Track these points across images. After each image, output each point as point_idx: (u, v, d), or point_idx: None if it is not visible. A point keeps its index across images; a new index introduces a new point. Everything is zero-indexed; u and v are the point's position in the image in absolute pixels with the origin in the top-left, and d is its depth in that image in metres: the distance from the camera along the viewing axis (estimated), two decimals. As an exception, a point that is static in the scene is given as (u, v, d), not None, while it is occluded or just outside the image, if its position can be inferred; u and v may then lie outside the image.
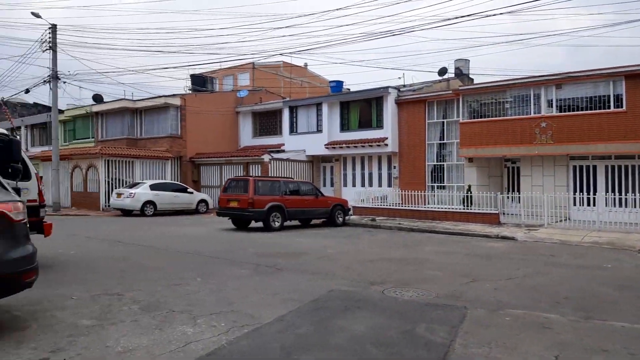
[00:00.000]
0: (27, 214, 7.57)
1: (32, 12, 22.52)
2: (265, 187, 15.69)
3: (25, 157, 8.27)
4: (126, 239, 12.89)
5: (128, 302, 6.19)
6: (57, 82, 23.52)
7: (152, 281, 7.50)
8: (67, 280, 7.47)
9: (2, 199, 4.85)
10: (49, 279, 7.52)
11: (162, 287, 7.12)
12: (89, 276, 7.87)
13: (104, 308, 5.90)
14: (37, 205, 8.29)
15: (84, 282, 7.36)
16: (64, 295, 6.54)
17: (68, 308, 5.86)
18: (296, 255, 10.29)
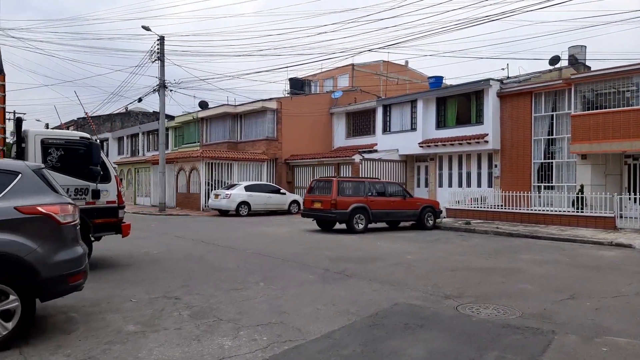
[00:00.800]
0: (103, 213, 7.86)
1: (142, 25, 24.29)
2: (349, 188, 15.22)
3: (106, 160, 8.64)
4: (211, 238, 13.17)
5: (181, 307, 6.06)
6: (164, 90, 25.14)
7: (214, 284, 7.38)
8: (138, 280, 7.61)
9: (50, 201, 4.88)
10: (122, 279, 7.73)
11: (222, 291, 6.95)
12: (160, 276, 7.98)
13: (156, 313, 5.82)
14: (116, 206, 8.62)
15: (151, 283, 7.44)
16: (125, 296, 6.62)
17: (122, 311, 5.86)
18: (371, 261, 9.67)
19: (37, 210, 4.76)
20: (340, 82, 43.73)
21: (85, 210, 8.20)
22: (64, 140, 8.20)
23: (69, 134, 8.50)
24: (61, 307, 5.90)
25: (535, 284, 7.67)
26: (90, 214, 8.27)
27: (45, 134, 8.17)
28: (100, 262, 9.16)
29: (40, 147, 7.93)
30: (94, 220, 8.31)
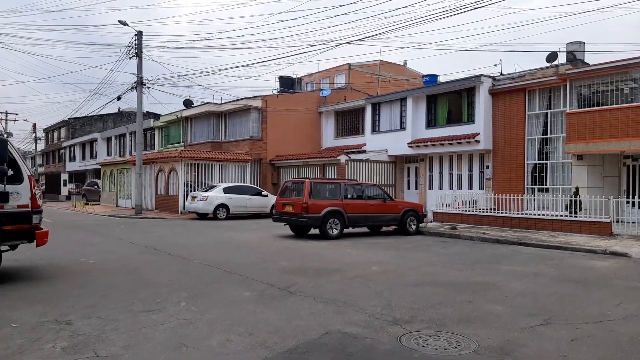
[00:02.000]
0: (13, 219, 6.74)
1: (119, 20, 23.27)
2: (323, 190, 14.10)
3: (18, 157, 7.54)
4: (166, 245, 12.06)
5: (63, 336, 4.95)
6: (142, 87, 24.10)
7: (128, 303, 6.26)
8: (42, 298, 6.51)
9: None
10: (24, 295, 6.64)
11: (130, 313, 5.82)
12: (71, 292, 6.88)
13: (26, 344, 4.71)
14: (29, 211, 7.50)
15: (55, 301, 6.34)
16: (10, 319, 5.52)
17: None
18: (328, 273, 8.53)
19: None
20: (337, 81, 42.69)
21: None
22: (-33, 135, 7.12)
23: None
24: None
25: (507, 304, 6.52)
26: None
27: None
28: (14, 274, 8.07)
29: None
30: (2, 226, 7.21)
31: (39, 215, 7.67)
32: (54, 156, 65.53)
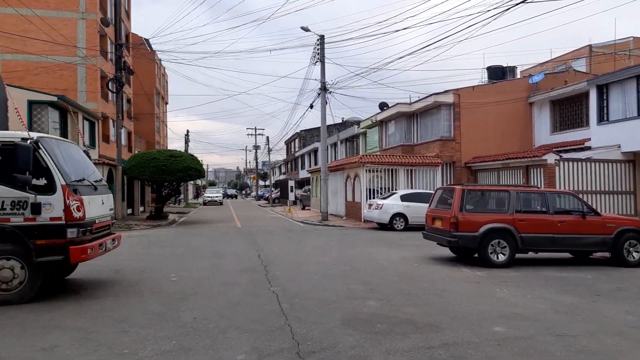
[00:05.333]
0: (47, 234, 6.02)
1: (302, 27, 23.21)
2: (483, 201, 10.55)
3: (52, 166, 6.86)
4: (277, 261, 10.44)
5: None
6: (325, 93, 23.55)
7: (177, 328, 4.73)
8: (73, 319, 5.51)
9: None
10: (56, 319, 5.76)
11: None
12: (104, 320, 5.73)
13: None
14: (62, 224, 6.73)
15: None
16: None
17: None
18: (424, 332, 5.54)
19: None
20: (577, 68, 35.74)
21: (24, 228, 6.58)
22: (1, 143, 6.72)
23: (6, 135, 6.98)
24: None
25: None
26: (30, 233, 6.60)
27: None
28: (80, 284, 7.49)
29: (-27, 151, 6.61)
30: (35, 240, 6.60)
31: (76, 229, 6.84)
32: (291, 165, 72.47)
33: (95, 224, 7.43)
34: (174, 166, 21.54)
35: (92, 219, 7.30)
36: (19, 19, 27.64)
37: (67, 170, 7.03)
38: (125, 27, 38.43)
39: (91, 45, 31.08)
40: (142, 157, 22.42)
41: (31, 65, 29.20)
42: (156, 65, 51.20)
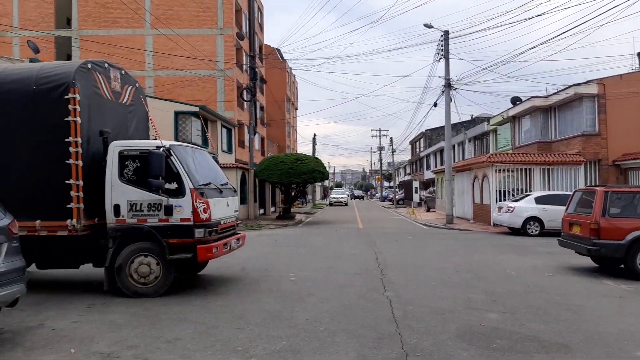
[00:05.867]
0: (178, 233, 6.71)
1: (424, 24, 22.59)
2: (629, 204, 9.19)
3: (182, 171, 7.45)
4: (392, 266, 10.19)
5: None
6: (449, 90, 22.65)
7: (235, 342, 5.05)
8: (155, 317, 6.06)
9: None
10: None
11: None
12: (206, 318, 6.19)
13: None
14: (191, 224, 7.29)
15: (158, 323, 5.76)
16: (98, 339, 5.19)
17: None
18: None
19: None
20: None
21: (159, 228, 7.28)
22: (139, 150, 7.50)
23: (144, 144, 7.74)
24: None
25: None
26: (163, 233, 7.28)
27: (123, 145, 7.66)
28: (193, 282, 8.08)
29: (117, 159, 7.47)
30: (168, 239, 7.27)
31: (203, 230, 7.38)
32: (416, 165, 71.13)
33: (221, 224, 7.96)
34: (299, 169, 22.38)
35: (218, 220, 7.82)
36: (167, 39, 30.95)
37: (195, 174, 7.62)
38: (259, 39, 41.00)
39: (228, 58, 33.66)
40: (271, 161, 23.66)
41: (178, 79, 32.52)
42: (287, 73, 53.79)
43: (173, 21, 32.84)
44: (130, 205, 7.35)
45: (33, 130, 7.30)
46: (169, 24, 32.14)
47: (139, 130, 9.03)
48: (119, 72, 8.71)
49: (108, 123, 7.98)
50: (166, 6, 33.31)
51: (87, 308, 6.72)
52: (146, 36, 32.89)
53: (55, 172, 7.15)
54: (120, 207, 7.36)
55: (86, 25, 33.26)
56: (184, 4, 33.18)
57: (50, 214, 7.17)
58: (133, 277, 7.28)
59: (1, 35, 31.89)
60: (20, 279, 5.27)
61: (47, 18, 33.55)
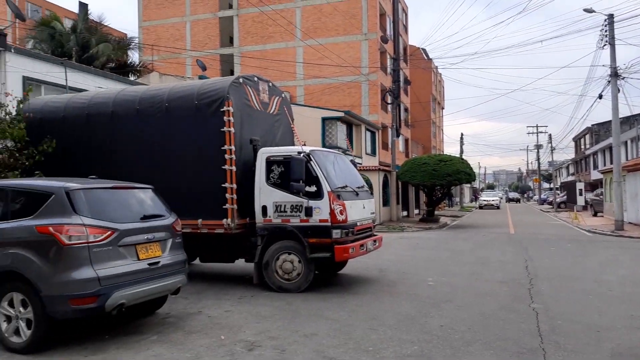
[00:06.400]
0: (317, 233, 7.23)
1: (584, 9, 20.37)
2: None
3: (320, 175, 7.80)
4: (550, 278, 9.34)
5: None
6: (616, 80, 20.04)
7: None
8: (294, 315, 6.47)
9: (59, 222, 5.01)
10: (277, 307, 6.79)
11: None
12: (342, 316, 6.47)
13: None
14: (329, 225, 7.61)
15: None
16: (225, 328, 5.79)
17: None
18: None
19: (47, 230, 4.98)
20: None
21: (300, 228, 7.77)
22: (282, 156, 8.06)
23: (288, 150, 8.24)
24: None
25: None
26: (304, 233, 7.74)
27: (270, 151, 8.27)
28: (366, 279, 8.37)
29: (264, 164, 8.12)
30: (308, 239, 7.71)
31: (340, 230, 7.67)
32: (580, 165, 64.10)
33: (357, 226, 8.18)
34: (443, 170, 21.77)
35: (354, 221, 8.06)
36: (315, 49, 32.53)
37: (332, 178, 7.98)
38: (403, 41, 40.92)
39: (372, 62, 34.21)
40: (414, 163, 23.41)
41: (325, 87, 33.98)
42: (432, 73, 52.70)
43: (321, 31, 34.43)
44: (275, 206, 7.96)
45: (195, 139, 8.30)
46: (317, 35, 33.79)
47: (285, 137, 9.70)
48: (267, 84, 9.46)
49: (257, 131, 8.72)
50: (314, 18, 35.06)
51: (239, 299, 7.44)
52: (297, 48, 34.98)
53: (213, 176, 8.04)
54: (267, 208, 8.01)
55: (246, 42, 36.55)
56: (331, 14, 34.55)
57: (209, 213, 8.08)
58: (278, 272, 7.87)
59: (177, 57, 36.69)
60: (182, 270, 6.08)
61: (213, 38, 37.66)
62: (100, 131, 9.01)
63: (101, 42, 24.98)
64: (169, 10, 38.22)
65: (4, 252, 5.09)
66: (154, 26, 38.46)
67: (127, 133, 8.82)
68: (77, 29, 25.54)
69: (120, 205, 5.75)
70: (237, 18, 36.93)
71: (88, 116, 9.17)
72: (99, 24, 27.76)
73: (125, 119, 8.85)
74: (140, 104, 8.81)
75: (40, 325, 4.94)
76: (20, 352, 5.01)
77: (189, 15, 37.93)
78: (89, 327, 5.87)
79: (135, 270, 5.37)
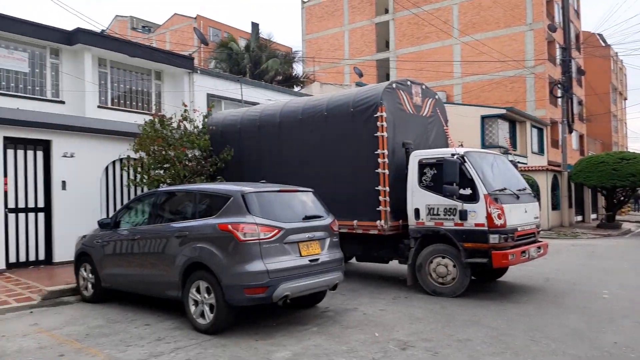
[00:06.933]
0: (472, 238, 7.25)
1: None
2: None
3: (476, 177, 7.54)
4: None
5: None
6: None
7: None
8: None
9: (236, 220, 5.76)
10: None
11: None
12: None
13: (335, 351, 5.20)
14: (485, 230, 7.34)
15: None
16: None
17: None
18: None
19: (227, 227, 5.79)
20: None
21: (454, 231, 7.68)
22: (435, 158, 8.00)
23: (440, 152, 8.10)
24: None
25: None
26: (459, 237, 7.62)
27: (422, 154, 8.23)
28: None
29: (417, 167, 8.18)
30: (463, 243, 7.57)
31: (498, 235, 7.36)
32: None
33: (518, 231, 7.76)
34: (625, 170, 19.14)
35: (514, 226, 7.66)
36: (474, 46, 31.27)
37: (489, 180, 7.71)
38: (575, 27, 37.05)
39: (538, 54, 31.64)
40: (589, 162, 21.01)
41: (485, 83, 32.44)
42: (611, 60, 46.63)
43: (479, 26, 32.99)
44: (428, 209, 7.97)
45: (351, 145, 8.73)
46: (475, 31, 32.47)
47: (438, 139, 9.63)
48: (420, 87, 9.51)
49: (410, 135, 8.84)
50: (472, 13, 33.71)
51: (393, 299, 7.63)
52: (454, 46, 34.00)
53: (367, 179, 8.37)
54: (419, 210, 8.07)
55: (401, 45, 36.71)
56: (490, 7, 32.89)
57: (364, 215, 8.43)
58: (432, 276, 7.86)
59: (336, 66, 38.43)
60: (338, 268, 6.50)
61: (369, 45, 38.59)
62: (269, 140, 10.05)
63: (270, 58, 27.46)
64: (329, 21, 40.21)
65: (193, 246, 6.05)
66: (315, 38, 40.83)
67: (291, 141, 9.68)
68: (250, 48, 28.42)
69: (285, 207, 6.40)
70: (392, 22, 37.29)
71: (259, 127, 10.29)
72: (268, 41, 30.54)
73: (290, 128, 9.73)
74: (302, 114, 9.59)
75: (221, 310, 5.75)
76: (205, 332, 5.87)
77: (347, 24, 39.42)
78: (260, 315, 6.62)
79: (298, 266, 5.94)
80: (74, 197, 10.57)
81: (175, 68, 15.05)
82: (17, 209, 10.05)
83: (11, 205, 9.92)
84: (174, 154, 10.10)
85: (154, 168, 10.21)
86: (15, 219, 9.99)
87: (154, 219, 7.02)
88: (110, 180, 11.56)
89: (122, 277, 7.19)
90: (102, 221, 7.75)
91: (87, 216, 10.20)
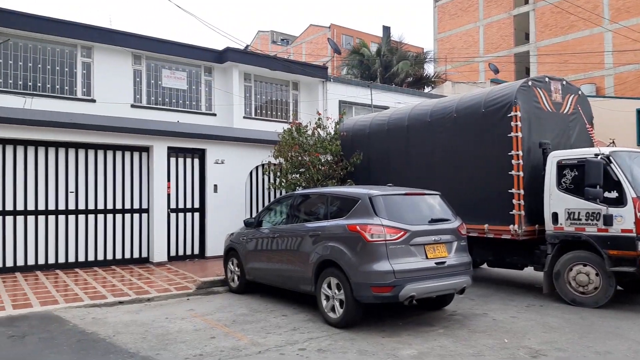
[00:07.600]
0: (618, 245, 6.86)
1: None
2: None
3: (623, 179, 6.86)
4: None
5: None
6: None
7: None
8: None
9: (363, 222, 6.10)
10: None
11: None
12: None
13: None
14: (633, 236, 6.69)
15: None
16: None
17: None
18: None
19: (355, 228, 6.16)
20: None
21: (597, 237, 7.14)
22: (576, 159, 7.46)
23: (582, 152, 7.47)
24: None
25: None
26: (603, 243, 7.06)
27: (561, 154, 7.69)
28: None
29: (555, 168, 7.71)
30: (608, 250, 7.00)
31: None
32: None
33: (676, 239, 6.93)
34: None
35: (671, 234, 6.87)
36: (628, 32, 27.89)
37: (639, 182, 7.01)
38: None
39: None
40: None
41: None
42: None
43: (636, 10, 29.29)
44: (567, 213, 7.50)
45: (481, 146, 8.53)
46: (630, 15, 28.92)
47: (581, 138, 8.95)
48: (560, 83, 8.95)
49: (547, 134, 8.37)
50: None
51: (526, 307, 7.33)
52: (604, 33, 30.63)
53: (499, 181, 8.12)
54: (558, 215, 7.62)
55: (543, 36, 34.11)
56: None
57: (495, 219, 8.19)
58: (571, 284, 7.37)
59: (470, 64, 37.04)
60: (467, 272, 6.48)
61: (506, 38, 36.47)
62: (397, 143, 10.24)
63: (400, 60, 27.51)
64: (463, 18, 38.89)
65: (325, 245, 6.51)
66: (447, 37, 39.78)
67: (418, 144, 9.76)
68: (381, 52, 28.78)
69: (411, 209, 6.57)
70: (533, 13, 34.80)
71: (388, 131, 10.54)
72: (399, 43, 30.59)
73: (418, 131, 9.81)
74: (431, 116, 9.62)
75: (350, 306, 6.11)
76: (335, 325, 6.28)
77: (482, 19, 37.75)
78: (387, 314, 6.86)
79: (424, 268, 6.06)
80: (224, 199, 11.85)
81: (310, 78, 16.00)
82: (177, 209, 11.59)
83: (172, 206, 11.47)
84: (309, 159, 10.82)
85: (291, 172, 11.04)
86: (175, 218, 11.53)
87: (291, 219, 7.66)
88: (254, 184, 12.72)
89: (262, 272, 7.95)
90: (247, 220, 8.64)
91: (234, 216, 11.39)
